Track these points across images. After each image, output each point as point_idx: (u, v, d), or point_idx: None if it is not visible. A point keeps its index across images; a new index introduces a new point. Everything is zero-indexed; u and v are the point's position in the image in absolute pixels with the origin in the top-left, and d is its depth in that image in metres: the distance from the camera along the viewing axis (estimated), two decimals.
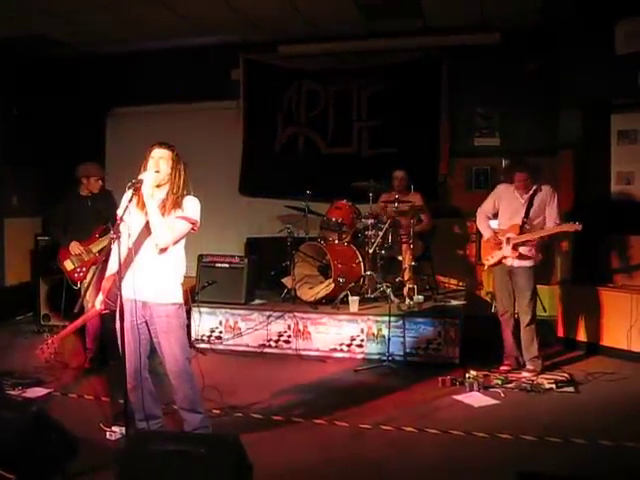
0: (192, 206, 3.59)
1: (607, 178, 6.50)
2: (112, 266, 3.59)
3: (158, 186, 3.54)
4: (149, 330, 3.63)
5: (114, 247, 3.38)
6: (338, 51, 7.82)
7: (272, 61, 8.06)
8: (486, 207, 5.46)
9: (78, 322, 3.80)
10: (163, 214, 3.50)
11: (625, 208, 6.35)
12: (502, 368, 5.27)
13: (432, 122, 7.62)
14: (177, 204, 3.54)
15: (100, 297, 3.64)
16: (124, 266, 3.47)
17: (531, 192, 5.19)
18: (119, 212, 3.49)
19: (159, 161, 3.54)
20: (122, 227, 3.43)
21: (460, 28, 7.21)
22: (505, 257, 5.23)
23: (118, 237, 3.36)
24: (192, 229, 3.61)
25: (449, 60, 7.51)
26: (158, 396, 3.83)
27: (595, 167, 6.54)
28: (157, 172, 3.51)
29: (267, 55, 8.02)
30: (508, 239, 5.19)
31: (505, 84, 7.39)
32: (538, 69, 7.25)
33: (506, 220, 5.31)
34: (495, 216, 5.45)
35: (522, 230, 5.16)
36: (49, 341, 3.69)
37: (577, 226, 4.93)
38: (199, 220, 3.62)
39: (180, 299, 3.66)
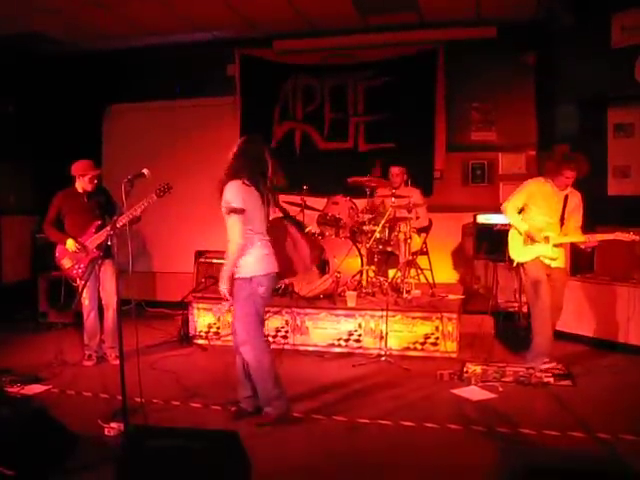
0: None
1: (604, 172, 6.50)
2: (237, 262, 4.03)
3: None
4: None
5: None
6: (334, 46, 7.82)
7: (268, 56, 8.03)
8: (517, 202, 5.14)
9: None
10: None
11: (622, 201, 6.36)
12: (544, 366, 5.01)
13: (428, 116, 7.62)
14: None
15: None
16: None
17: (567, 192, 5.03)
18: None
19: None
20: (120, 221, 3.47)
21: (456, 22, 7.21)
22: (542, 255, 5.03)
23: (115, 233, 3.39)
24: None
25: (445, 54, 7.49)
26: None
27: (591, 161, 6.53)
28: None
29: (262, 50, 8.00)
30: (547, 238, 5.01)
31: (501, 78, 7.40)
32: (534, 59, 7.25)
33: (541, 217, 5.08)
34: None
35: (563, 231, 5.03)
36: None
37: (634, 236, 4.80)
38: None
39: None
